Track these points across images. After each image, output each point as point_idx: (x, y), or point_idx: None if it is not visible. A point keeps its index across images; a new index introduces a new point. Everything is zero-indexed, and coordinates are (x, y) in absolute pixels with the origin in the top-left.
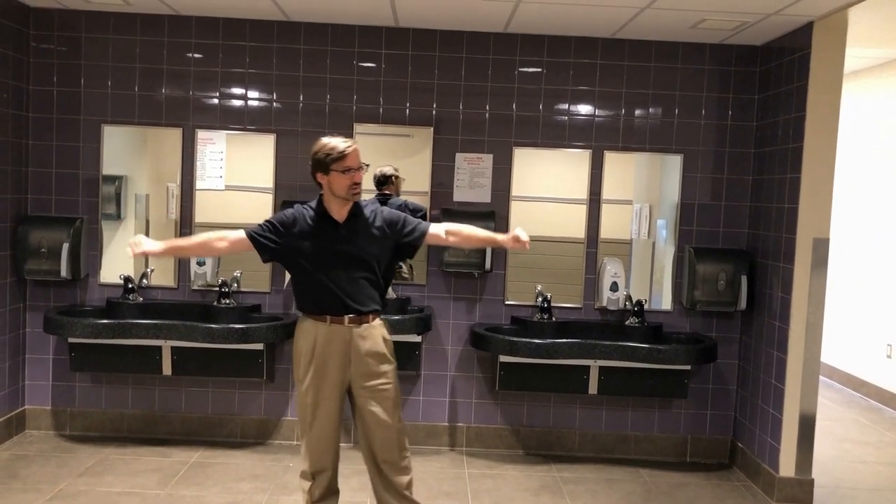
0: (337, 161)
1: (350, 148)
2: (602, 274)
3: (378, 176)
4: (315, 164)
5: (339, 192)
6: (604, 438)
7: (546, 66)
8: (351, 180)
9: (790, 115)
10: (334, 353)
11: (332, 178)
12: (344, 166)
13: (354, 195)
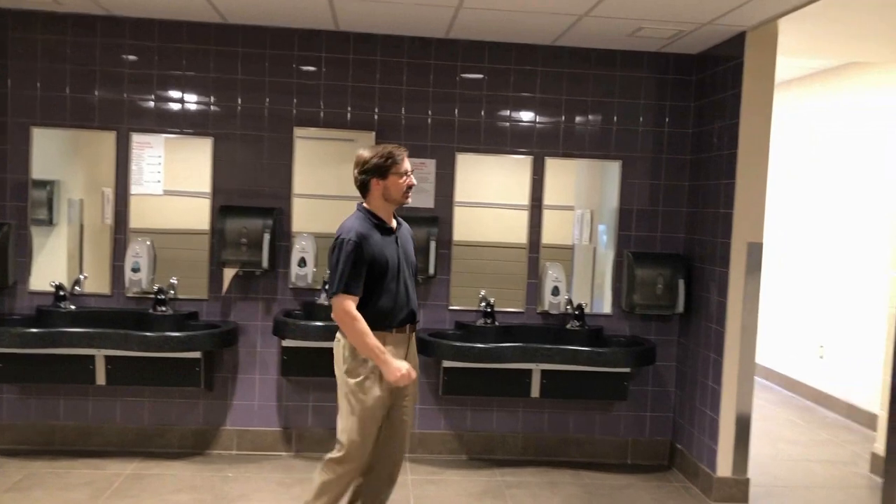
0: (396, 165)
1: (405, 152)
2: (544, 279)
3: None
4: (371, 170)
5: (395, 195)
6: (546, 441)
7: (487, 72)
8: (406, 184)
9: (724, 122)
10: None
11: (389, 182)
12: (402, 170)
13: (407, 198)
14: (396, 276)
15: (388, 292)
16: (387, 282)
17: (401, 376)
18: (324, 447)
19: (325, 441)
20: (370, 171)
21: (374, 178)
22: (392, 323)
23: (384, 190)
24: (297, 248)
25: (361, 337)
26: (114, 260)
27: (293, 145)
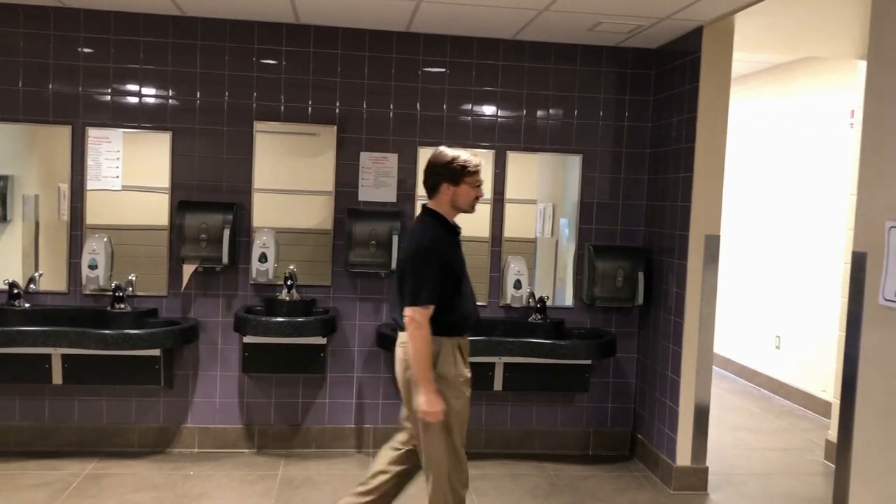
0: (471, 174)
1: (479, 161)
2: (506, 272)
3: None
4: (445, 173)
5: (463, 203)
6: (509, 434)
7: (449, 66)
8: (476, 194)
9: (683, 116)
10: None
11: (460, 189)
12: (476, 180)
13: (473, 208)
14: (465, 279)
15: (464, 297)
16: (462, 286)
17: (434, 413)
18: (286, 443)
19: (287, 437)
20: (444, 173)
21: (446, 183)
22: (466, 328)
23: (453, 196)
24: (257, 244)
25: (426, 350)
26: (70, 257)
27: (253, 139)
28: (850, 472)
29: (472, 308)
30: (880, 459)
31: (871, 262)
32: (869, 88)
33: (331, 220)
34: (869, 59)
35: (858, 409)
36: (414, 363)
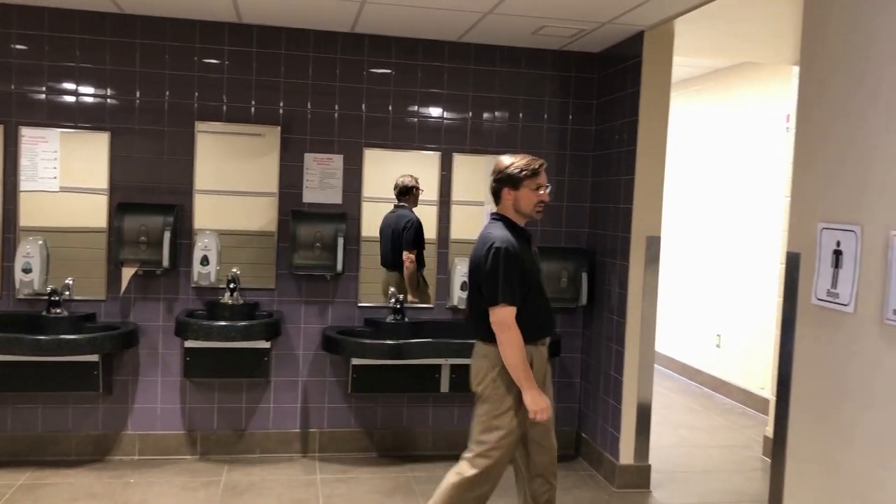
0: (530, 178)
1: (543, 166)
2: (453, 274)
3: (400, 186)
4: (504, 178)
5: (525, 208)
6: (457, 435)
7: (395, 67)
8: (539, 197)
9: (625, 119)
10: (541, 373)
11: (520, 193)
12: (536, 183)
13: (538, 213)
14: (539, 284)
15: (536, 302)
16: (533, 291)
17: (542, 409)
18: (230, 449)
19: (231, 443)
20: (503, 179)
21: (507, 188)
22: (540, 334)
23: (515, 201)
24: (199, 246)
25: (518, 352)
26: (3, 260)
27: (195, 140)
28: (786, 467)
29: (544, 315)
30: (813, 454)
31: (804, 262)
32: (801, 94)
33: (275, 221)
34: (801, 64)
35: (793, 405)
36: (510, 366)
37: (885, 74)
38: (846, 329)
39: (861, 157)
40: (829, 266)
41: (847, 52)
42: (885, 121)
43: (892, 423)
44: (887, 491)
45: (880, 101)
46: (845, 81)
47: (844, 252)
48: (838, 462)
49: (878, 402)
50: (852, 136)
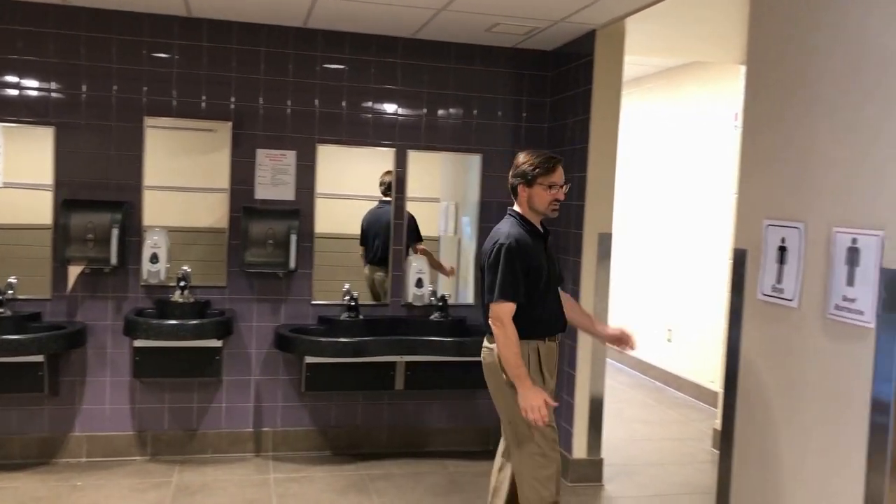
0: (543, 175)
1: (558, 163)
2: (408, 270)
3: (387, 183)
4: (519, 175)
5: (539, 206)
6: (412, 433)
7: (348, 63)
8: (553, 196)
9: (577, 117)
10: (552, 370)
11: (534, 191)
12: (549, 181)
13: (554, 211)
14: (548, 283)
15: (544, 300)
16: (542, 290)
17: (537, 407)
18: (181, 449)
19: (182, 443)
20: (518, 175)
21: (521, 185)
22: (546, 332)
23: (529, 198)
24: (148, 244)
25: (512, 347)
26: None
27: (143, 135)
28: (733, 459)
29: (553, 311)
30: (759, 446)
31: (750, 258)
32: (747, 93)
33: (226, 218)
34: (747, 64)
35: (740, 398)
36: (504, 363)
37: (825, 75)
38: (790, 323)
39: (804, 156)
40: (775, 262)
41: (790, 51)
42: (827, 120)
43: (833, 414)
44: (828, 480)
45: (822, 101)
46: (789, 81)
47: (789, 248)
48: (782, 453)
49: (819, 394)
50: (796, 135)
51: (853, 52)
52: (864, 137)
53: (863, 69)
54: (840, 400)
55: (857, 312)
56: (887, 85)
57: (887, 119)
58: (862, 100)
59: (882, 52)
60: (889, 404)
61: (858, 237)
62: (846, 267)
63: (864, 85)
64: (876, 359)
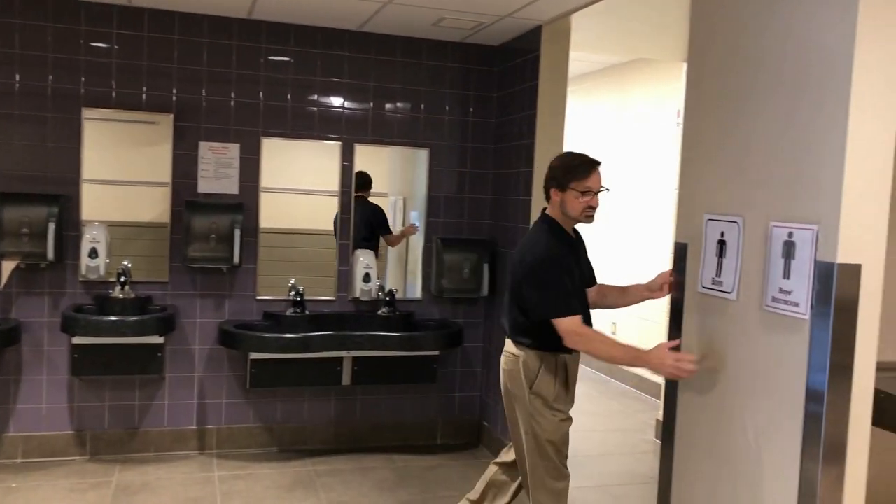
0: (577, 180)
1: (594, 167)
2: (355, 265)
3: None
4: (552, 178)
5: (572, 213)
6: (359, 428)
7: (294, 55)
8: (587, 203)
9: (523, 113)
10: (574, 381)
11: (566, 196)
12: (584, 186)
13: (588, 218)
14: (580, 293)
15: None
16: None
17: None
18: (122, 448)
19: (123, 442)
20: (551, 179)
21: (554, 188)
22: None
23: (561, 203)
24: (87, 238)
25: (610, 348)
26: None
27: (82, 127)
28: (674, 449)
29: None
30: (699, 436)
31: (691, 252)
32: (688, 90)
33: (168, 212)
34: (688, 61)
35: (680, 389)
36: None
37: (762, 73)
38: (729, 315)
39: (742, 151)
40: (714, 255)
41: (729, 49)
42: (764, 117)
43: (769, 404)
44: (765, 468)
45: (759, 99)
46: (727, 78)
47: (728, 242)
48: (721, 442)
49: (757, 384)
50: (734, 131)
51: (789, 50)
52: (799, 134)
53: (799, 68)
54: (776, 390)
55: (793, 304)
56: (822, 84)
57: (821, 117)
58: (798, 98)
59: (817, 51)
60: (822, 393)
61: (794, 231)
62: (782, 260)
63: (799, 83)
64: (810, 349)
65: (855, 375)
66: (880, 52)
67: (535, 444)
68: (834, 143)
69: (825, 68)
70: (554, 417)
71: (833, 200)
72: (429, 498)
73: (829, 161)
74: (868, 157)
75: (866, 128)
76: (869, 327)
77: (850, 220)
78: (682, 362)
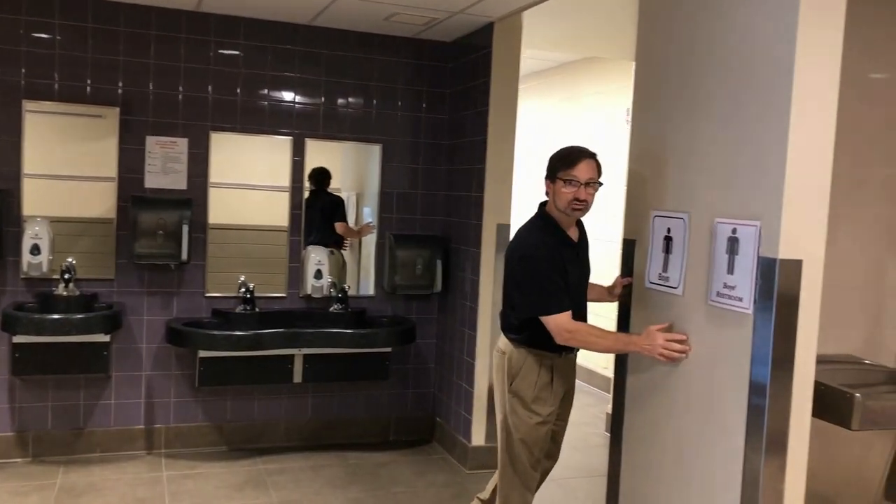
0: (564, 169)
1: (583, 157)
2: (307, 262)
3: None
4: (547, 168)
5: (559, 204)
6: (310, 426)
7: (244, 49)
8: (573, 194)
9: (476, 109)
10: (569, 383)
11: (556, 187)
12: (569, 176)
13: (575, 211)
14: (575, 295)
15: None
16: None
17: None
18: (67, 449)
19: (68, 443)
20: (546, 170)
21: (547, 179)
22: (560, 346)
23: (552, 194)
24: (28, 234)
25: (600, 341)
26: None
27: (22, 120)
28: (623, 441)
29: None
30: (646, 428)
31: (638, 248)
32: (636, 88)
33: (114, 208)
34: (636, 60)
35: (629, 383)
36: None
37: (708, 73)
38: (675, 310)
39: (688, 149)
40: (661, 251)
41: (675, 49)
42: (709, 116)
43: (714, 396)
44: (709, 460)
45: (702, 97)
46: (673, 78)
47: (674, 238)
48: (668, 435)
49: (702, 377)
50: (681, 131)
51: (732, 51)
52: (742, 133)
53: (742, 68)
54: (721, 382)
55: (737, 299)
56: (764, 84)
57: (764, 116)
58: (741, 97)
59: (760, 52)
60: (765, 386)
61: (738, 227)
62: (727, 256)
63: (742, 83)
64: (753, 343)
65: (796, 368)
66: (821, 52)
67: (507, 441)
68: (776, 142)
69: (767, 68)
70: (530, 419)
71: (775, 198)
72: (381, 495)
73: (772, 159)
74: (809, 156)
75: (807, 127)
76: (809, 321)
77: (791, 217)
78: (672, 343)
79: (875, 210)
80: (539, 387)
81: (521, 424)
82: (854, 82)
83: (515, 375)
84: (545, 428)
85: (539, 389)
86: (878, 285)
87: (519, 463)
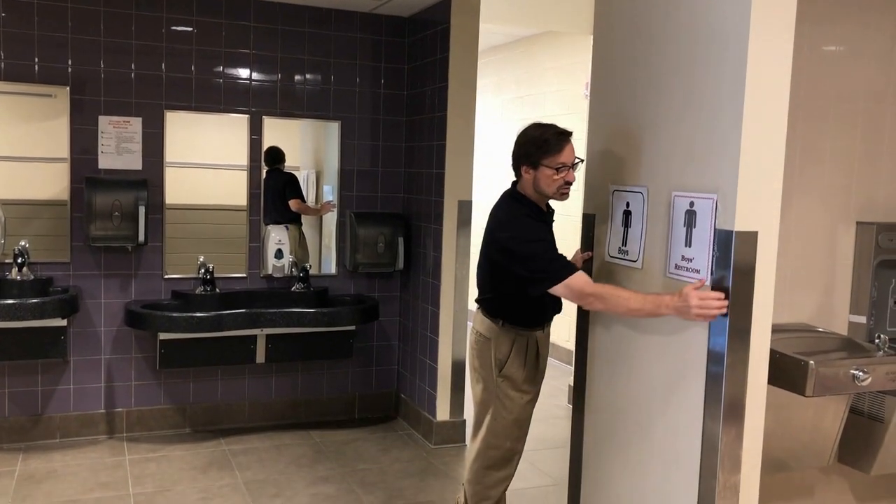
0: (550, 156)
1: (566, 140)
2: (266, 241)
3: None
4: (521, 155)
5: (547, 191)
6: (274, 406)
7: (197, 25)
8: (563, 180)
9: (435, 85)
10: (544, 357)
11: (539, 174)
12: (557, 163)
13: (563, 196)
14: None
15: None
16: None
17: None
18: (25, 436)
19: (26, 429)
20: (521, 156)
21: (525, 165)
22: (546, 319)
23: (535, 181)
24: None
25: (631, 302)
26: None
27: None
28: (585, 412)
29: (549, 301)
30: (607, 400)
31: (598, 222)
32: (594, 63)
33: (67, 190)
34: (594, 35)
35: (590, 355)
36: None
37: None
38: (635, 283)
39: (646, 124)
40: (620, 225)
41: (633, 24)
42: (666, 91)
43: (674, 366)
44: (669, 427)
45: (659, 71)
46: (631, 52)
47: (633, 212)
48: (628, 404)
49: (661, 348)
50: (638, 105)
51: (688, 25)
52: (699, 108)
53: (697, 42)
54: (680, 352)
55: (694, 271)
56: (719, 57)
57: (720, 92)
58: (696, 71)
59: (715, 26)
60: (723, 355)
61: (695, 200)
62: (684, 229)
63: (698, 57)
64: None
65: (752, 337)
66: (775, 26)
67: (498, 426)
68: (731, 115)
69: (722, 42)
70: (521, 399)
71: (731, 170)
72: (347, 472)
73: (727, 132)
74: (763, 129)
75: (762, 100)
76: (765, 291)
77: (746, 190)
78: (707, 301)
79: (827, 180)
80: (528, 367)
81: (514, 406)
82: (807, 55)
83: (505, 360)
84: (532, 405)
85: (528, 369)
86: (830, 255)
87: (509, 440)
